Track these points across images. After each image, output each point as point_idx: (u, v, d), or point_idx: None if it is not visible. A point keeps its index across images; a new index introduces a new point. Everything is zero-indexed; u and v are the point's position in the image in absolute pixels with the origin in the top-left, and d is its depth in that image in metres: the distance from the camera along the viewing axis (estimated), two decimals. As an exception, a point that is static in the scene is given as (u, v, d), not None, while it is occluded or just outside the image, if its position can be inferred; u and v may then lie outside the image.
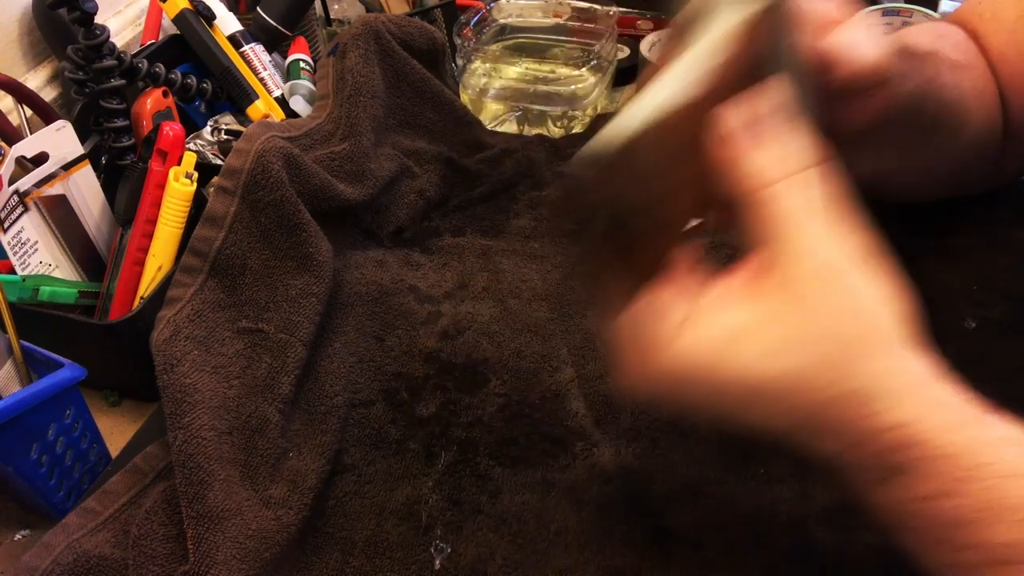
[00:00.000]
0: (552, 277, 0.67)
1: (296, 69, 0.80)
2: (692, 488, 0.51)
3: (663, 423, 0.55)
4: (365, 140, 0.70)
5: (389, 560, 0.49)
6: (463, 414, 0.57)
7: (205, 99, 0.78)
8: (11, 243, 0.59)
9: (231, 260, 0.61)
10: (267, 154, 0.62)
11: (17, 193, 0.59)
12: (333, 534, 0.50)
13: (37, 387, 0.50)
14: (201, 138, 0.74)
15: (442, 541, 0.50)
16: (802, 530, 0.48)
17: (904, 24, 0.86)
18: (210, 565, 0.44)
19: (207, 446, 0.49)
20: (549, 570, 0.48)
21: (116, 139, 0.67)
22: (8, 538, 0.54)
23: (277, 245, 0.62)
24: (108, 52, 0.67)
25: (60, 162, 0.61)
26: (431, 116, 0.78)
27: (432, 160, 0.76)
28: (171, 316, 0.57)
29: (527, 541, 0.49)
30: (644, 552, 0.48)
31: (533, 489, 0.52)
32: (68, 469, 0.54)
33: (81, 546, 0.48)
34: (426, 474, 0.53)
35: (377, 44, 0.75)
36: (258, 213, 0.62)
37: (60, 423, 0.52)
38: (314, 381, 0.58)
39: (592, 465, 0.53)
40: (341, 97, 0.73)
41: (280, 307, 0.60)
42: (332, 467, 0.53)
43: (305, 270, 0.62)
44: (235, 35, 0.80)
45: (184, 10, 0.77)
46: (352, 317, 0.63)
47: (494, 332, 0.62)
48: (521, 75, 0.85)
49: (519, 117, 0.83)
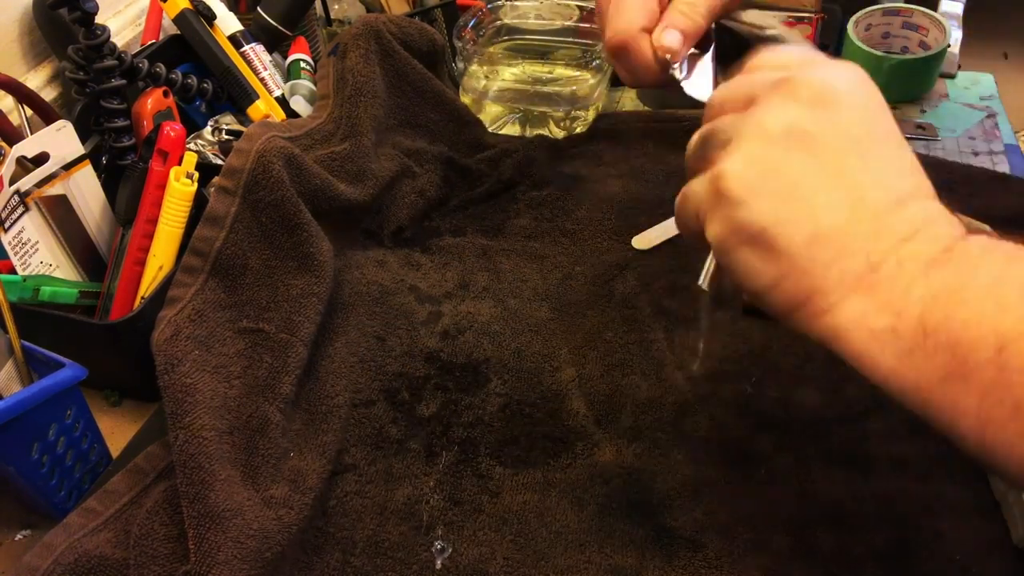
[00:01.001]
0: (552, 277, 0.67)
1: (296, 69, 0.80)
2: (693, 488, 0.51)
3: (664, 423, 0.55)
4: (366, 140, 0.70)
5: (390, 560, 0.49)
6: (464, 414, 0.57)
7: (206, 99, 0.78)
8: (12, 243, 0.59)
9: (232, 260, 0.61)
10: (268, 154, 0.62)
11: (18, 193, 0.59)
12: (334, 534, 0.51)
13: (38, 387, 0.50)
14: (202, 138, 0.74)
15: (443, 541, 0.50)
16: (803, 531, 0.49)
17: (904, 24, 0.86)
18: (211, 565, 0.44)
19: (208, 446, 0.49)
20: (550, 570, 0.48)
21: (117, 139, 0.67)
22: (9, 538, 0.54)
23: (278, 245, 0.62)
24: (109, 52, 0.67)
25: (61, 162, 0.61)
26: (431, 116, 0.78)
27: (432, 160, 0.76)
28: (172, 316, 0.57)
29: (528, 541, 0.49)
30: (645, 552, 0.48)
31: (534, 489, 0.52)
32: (69, 469, 0.54)
33: (82, 546, 0.48)
34: (427, 474, 0.53)
35: (378, 44, 0.75)
36: (259, 213, 0.62)
37: (61, 423, 0.52)
38: (315, 381, 0.58)
39: (593, 465, 0.53)
40: (341, 97, 0.73)
41: (281, 307, 0.60)
42: (333, 467, 0.54)
43: (306, 270, 0.62)
44: (235, 35, 0.80)
45: (184, 10, 0.77)
46: (353, 317, 0.63)
47: (495, 332, 0.62)
48: (520, 76, 0.85)
49: (520, 119, 0.83)
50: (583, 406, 0.57)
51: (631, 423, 0.55)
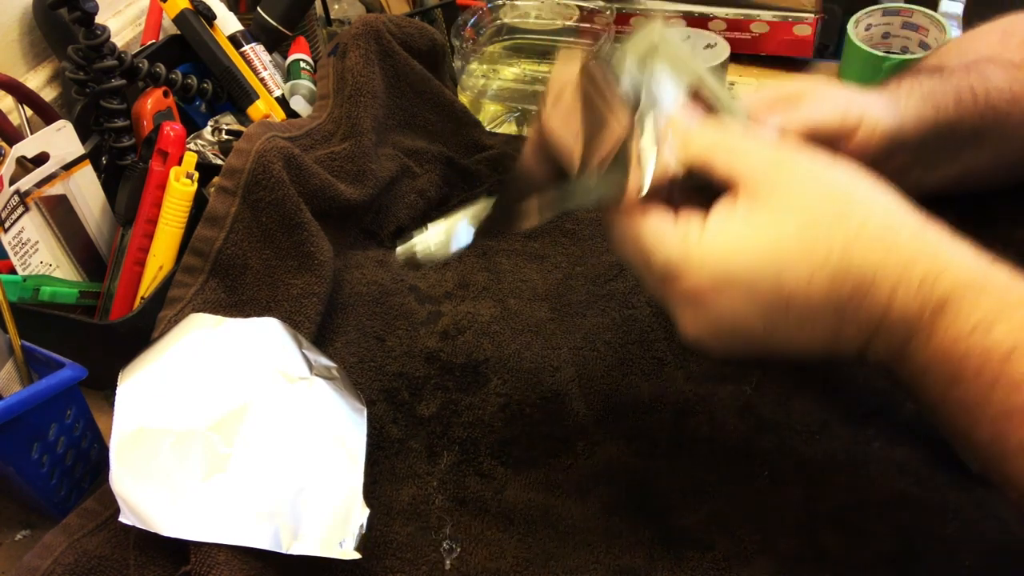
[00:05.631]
0: (552, 277, 0.67)
1: (296, 69, 0.80)
2: (697, 488, 0.51)
3: (665, 423, 0.55)
4: (366, 140, 0.70)
5: (399, 560, 0.49)
6: (464, 414, 0.57)
7: (205, 99, 0.78)
8: (12, 243, 0.59)
9: (232, 260, 0.61)
10: (268, 154, 0.62)
11: (18, 193, 0.59)
12: (335, 534, 0.50)
13: (38, 387, 0.50)
14: (202, 138, 0.74)
15: (451, 541, 0.50)
16: (810, 534, 0.49)
17: (904, 24, 0.86)
18: (211, 566, 0.44)
19: (208, 446, 0.49)
20: (560, 570, 0.48)
21: (117, 139, 0.67)
22: (9, 538, 0.54)
23: (278, 245, 0.62)
24: (109, 52, 0.67)
25: (61, 162, 0.61)
26: (431, 116, 0.78)
27: (432, 160, 0.76)
28: (172, 316, 0.57)
29: (536, 541, 0.49)
30: (653, 552, 0.48)
31: (537, 489, 0.52)
32: (69, 469, 0.54)
33: (82, 546, 0.48)
34: (430, 473, 0.53)
35: (377, 44, 0.75)
36: (259, 213, 0.62)
37: (61, 423, 0.52)
38: (315, 381, 0.58)
39: (595, 464, 0.53)
40: (341, 97, 0.73)
41: (281, 307, 0.60)
42: (333, 467, 0.53)
43: (306, 270, 0.62)
44: (235, 35, 0.80)
45: (184, 10, 0.77)
46: (353, 317, 0.63)
47: (494, 332, 0.62)
48: (519, 76, 0.85)
49: (518, 118, 0.83)
50: (583, 406, 0.57)
51: (632, 423, 0.55)
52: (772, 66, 0.92)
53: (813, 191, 0.38)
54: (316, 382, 0.52)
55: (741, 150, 0.40)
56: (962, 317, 0.35)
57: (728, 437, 0.54)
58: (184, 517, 0.45)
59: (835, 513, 0.49)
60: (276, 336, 0.55)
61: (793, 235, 0.37)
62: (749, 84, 0.90)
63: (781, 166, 0.39)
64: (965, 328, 0.35)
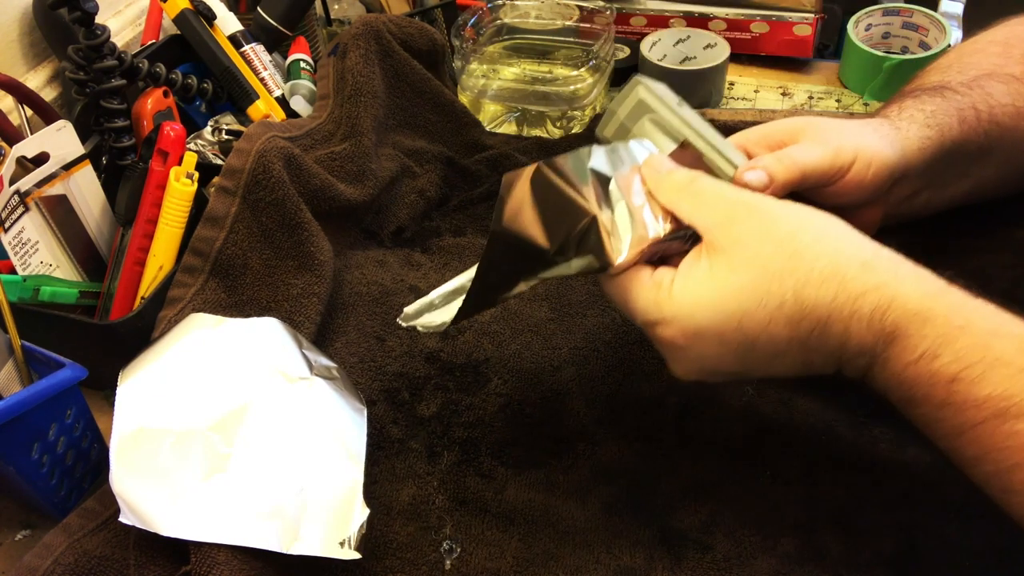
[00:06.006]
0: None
1: (296, 69, 0.80)
2: (697, 489, 0.51)
3: (666, 424, 0.55)
4: (366, 140, 0.70)
5: (399, 561, 0.49)
6: (464, 414, 0.57)
7: (205, 99, 0.78)
8: (12, 243, 0.59)
9: (232, 260, 0.61)
10: (268, 154, 0.62)
11: (18, 193, 0.59)
12: (335, 534, 0.50)
13: (38, 387, 0.50)
14: (202, 138, 0.74)
15: (451, 541, 0.50)
16: (811, 534, 0.48)
17: (904, 24, 0.86)
18: (211, 566, 0.44)
19: (209, 446, 0.49)
20: (560, 570, 0.48)
21: (117, 139, 0.67)
22: (9, 538, 0.54)
23: (278, 245, 0.62)
24: (109, 52, 0.67)
25: (61, 162, 0.61)
26: (431, 116, 0.78)
27: (432, 160, 0.76)
28: (172, 316, 0.57)
29: (536, 541, 0.49)
30: (654, 552, 0.48)
31: (538, 489, 0.52)
32: (69, 469, 0.54)
33: (82, 546, 0.48)
34: (430, 474, 0.53)
35: (377, 44, 0.75)
36: (259, 213, 0.62)
37: (61, 423, 0.52)
38: (315, 381, 0.58)
39: (595, 465, 0.53)
40: (342, 97, 0.73)
41: (281, 307, 0.60)
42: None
43: (306, 270, 0.62)
44: (235, 35, 0.80)
45: (184, 10, 0.77)
46: (353, 317, 0.63)
47: (494, 332, 0.62)
48: (519, 76, 0.85)
49: (518, 118, 0.83)
50: (583, 406, 0.57)
51: (632, 423, 0.55)
52: (772, 66, 0.92)
53: (766, 244, 0.41)
54: (316, 382, 0.52)
55: (702, 201, 0.44)
56: (910, 346, 0.38)
57: (730, 438, 0.54)
58: (184, 517, 0.45)
59: (835, 514, 0.49)
60: (276, 336, 0.55)
61: (748, 287, 0.41)
62: (749, 84, 0.90)
63: (735, 221, 0.42)
64: (913, 356, 0.38)
